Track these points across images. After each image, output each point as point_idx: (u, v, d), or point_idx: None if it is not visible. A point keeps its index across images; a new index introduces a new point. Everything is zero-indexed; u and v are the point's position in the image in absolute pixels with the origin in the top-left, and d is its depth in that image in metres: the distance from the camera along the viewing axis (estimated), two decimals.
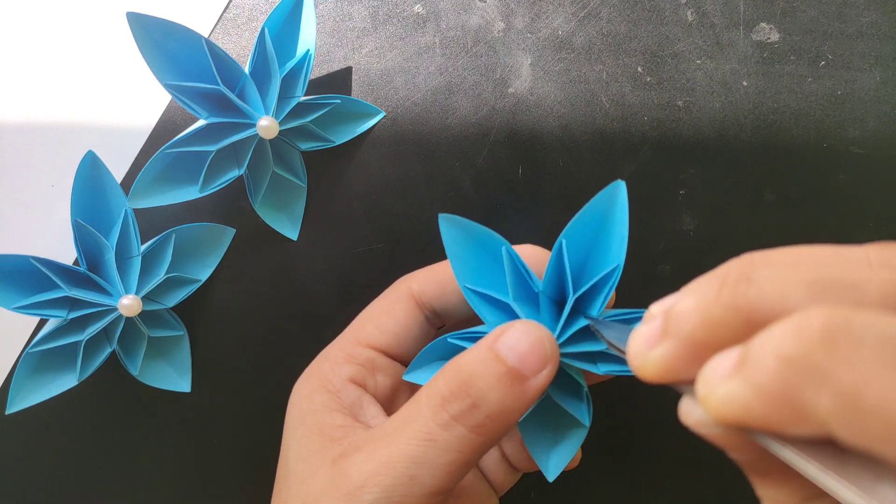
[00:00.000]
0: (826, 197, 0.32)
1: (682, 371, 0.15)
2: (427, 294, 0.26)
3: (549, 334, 0.21)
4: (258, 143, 0.29)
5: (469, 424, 0.21)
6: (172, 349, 0.32)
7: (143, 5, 0.31)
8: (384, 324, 0.26)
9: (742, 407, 0.13)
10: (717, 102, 0.32)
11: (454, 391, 0.21)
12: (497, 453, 0.28)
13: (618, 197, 0.23)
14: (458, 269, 0.24)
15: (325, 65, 0.32)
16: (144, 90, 0.32)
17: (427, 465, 0.20)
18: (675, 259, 0.32)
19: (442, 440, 0.20)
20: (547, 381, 0.21)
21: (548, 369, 0.21)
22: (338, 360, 0.26)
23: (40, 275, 0.28)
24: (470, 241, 0.24)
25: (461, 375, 0.21)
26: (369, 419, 0.24)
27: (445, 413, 0.21)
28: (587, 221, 0.23)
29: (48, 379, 0.29)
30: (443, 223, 0.24)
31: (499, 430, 0.21)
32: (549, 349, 0.21)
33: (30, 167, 0.32)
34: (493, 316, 0.24)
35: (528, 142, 0.32)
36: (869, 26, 0.32)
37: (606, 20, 0.32)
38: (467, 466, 0.21)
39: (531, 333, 0.21)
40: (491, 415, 0.21)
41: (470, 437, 0.21)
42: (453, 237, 0.24)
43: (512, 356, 0.21)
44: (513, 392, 0.21)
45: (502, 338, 0.21)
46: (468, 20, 0.32)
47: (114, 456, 0.33)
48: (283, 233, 0.32)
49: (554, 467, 0.25)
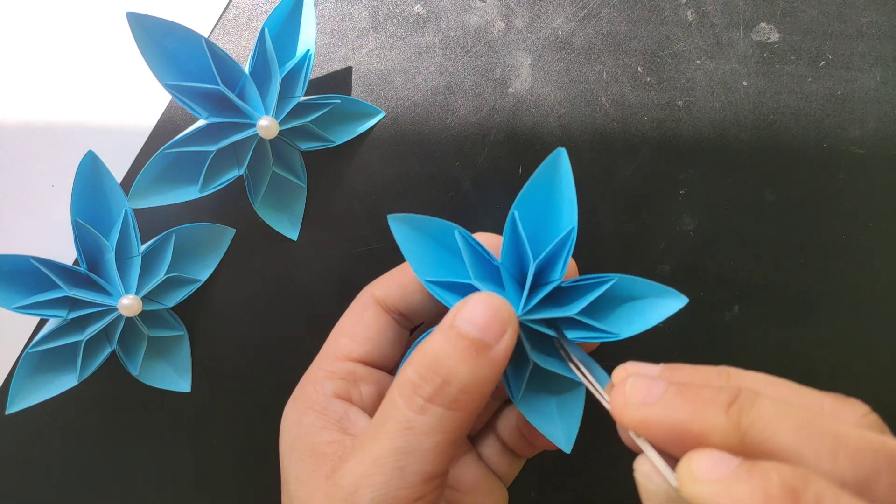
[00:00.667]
0: (826, 197, 0.32)
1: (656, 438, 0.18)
2: (390, 298, 0.26)
3: (502, 300, 0.22)
4: (258, 143, 0.29)
5: (444, 402, 0.21)
6: (172, 349, 0.32)
7: (143, 5, 0.31)
8: (356, 334, 0.26)
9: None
10: (717, 102, 0.32)
11: (423, 375, 0.21)
12: (497, 444, 0.28)
13: (560, 163, 0.23)
14: (415, 265, 0.24)
15: (325, 65, 0.32)
16: (144, 90, 0.32)
17: (413, 452, 0.21)
18: (675, 259, 0.32)
19: (421, 424, 0.21)
20: (510, 344, 0.21)
21: (508, 333, 0.21)
22: (318, 379, 0.26)
23: (40, 275, 0.28)
24: (422, 236, 0.24)
25: (427, 359, 0.21)
26: (359, 430, 0.24)
27: (419, 398, 0.21)
28: (535, 193, 0.24)
29: (48, 379, 0.29)
30: (392, 223, 0.24)
31: (475, 402, 0.21)
32: (506, 313, 0.21)
33: (30, 167, 0.32)
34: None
35: (528, 142, 0.32)
36: (869, 26, 0.32)
37: (606, 20, 0.32)
38: (454, 445, 0.21)
39: (485, 302, 0.21)
40: (464, 388, 0.21)
41: (448, 414, 0.21)
42: (405, 235, 0.24)
43: (472, 329, 0.21)
44: (480, 361, 0.21)
45: (459, 314, 0.21)
46: (468, 20, 0.32)
47: (114, 456, 0.33)
48: (283, 233, 0.32)
49: (566, 438, 0.24)
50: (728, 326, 0.32)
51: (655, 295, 0.24)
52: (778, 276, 0.32)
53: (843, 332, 0.33)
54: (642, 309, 0.24)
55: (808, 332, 0.33)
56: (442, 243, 0.25)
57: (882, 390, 0.33)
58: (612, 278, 0.23)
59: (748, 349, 0.33)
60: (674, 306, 0.23)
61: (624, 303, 0.24)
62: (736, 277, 0.32)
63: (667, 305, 0.23)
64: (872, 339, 0.33)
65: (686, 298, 0.23)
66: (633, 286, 0.24)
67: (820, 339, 0.33)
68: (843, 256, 0.32)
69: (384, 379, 0.27)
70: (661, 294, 0.23)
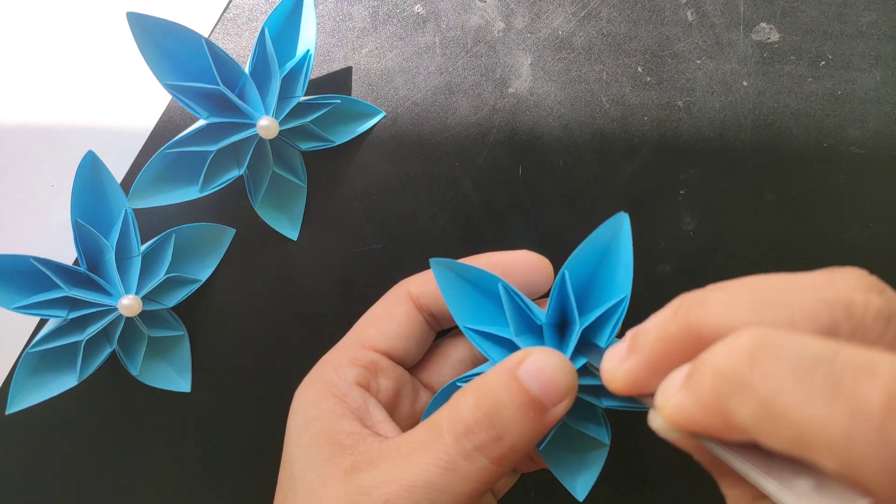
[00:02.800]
0: (826, 197, 0.32)
1: (645, 384, 0.18)
2: (425, 297, 0.26)
3: (569, 363, 0.21)
4: (258, 143, 0.29)
5: (492, 456, 0.20)
6: (172, 349, 0.32)
7: (143, 5, 0.31)
8: (385, 327, 0.26)
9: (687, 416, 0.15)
10: (717, 102, 0.32)
11: (479, 420, 0.20)
12: None
13: (622, 228, 0.23)
14: (455, 311, 0.24)
15: (325, 65, 0.32)
16: (144, 90, 0.32)
17: (447, 493, 0.20)
18: (675, 259, 0.32)
19: (463, 470, 0.20)
20: (564, 412, 0.21)
21: (567, 400, 0.21)
22: (341, 363, 0.25)
23: (40, 275, 0.28)
24: (464, 282, 0.24)
25: (486, 403, 0.21)
26: (376, 424, 0.24)
27: (469, 443, 0.20)
28: (589, 252, 0.23)
29: (48, 379, 0.29)
30: (435, 268, 0.23)
31: (517, 460, 0.21)
32: (570, 379, 0.21)
33: (30, 167, 0.32)
34: (497, 353, 0.24)
35: (528, 142, 0.32)
36: (869, 26, 0.32)
37: (606, 20, 0.32)
38: (482, 495, 0.21)
39: (553, 362, 0.21)
40: (514, 446, 0.20)
41: (491, 468, 0.20)
42: (447, 280, 0.24)
43: (535, 385, 0.20)
44: (534, 422, 0.20)
45: (524, 364, 0.21)
46: (468, 20, 0.32)
47: (114, 456, 0.33)
48: (283, 233, 0.32)
49: (582, 488, 0.25)
50: None
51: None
52: None
53: None
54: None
55: None
56: (484, 290, 0.24)
57: None
58: None
59: None
60: None
61: None
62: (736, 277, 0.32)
63: None
64: None
65: None
66: None
67: None
68: (843, 256, 0.32)
69: (403, 375, 0.27)
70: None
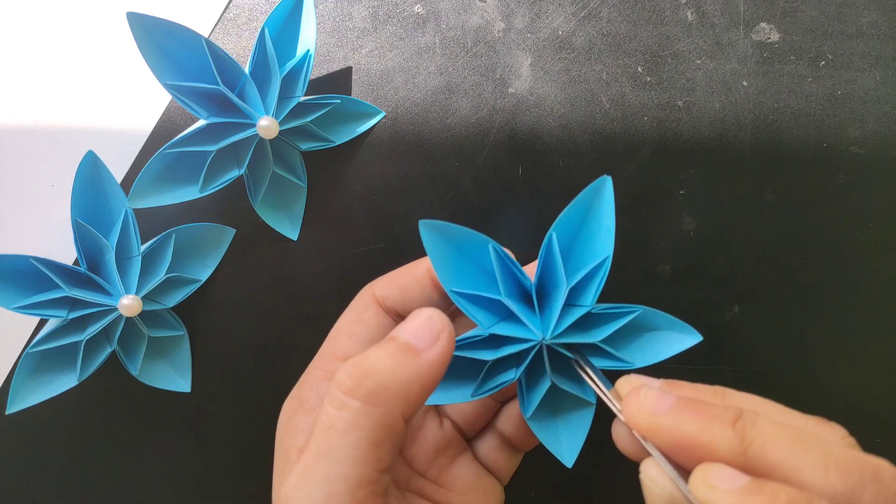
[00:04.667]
0: (826, 197, 0.32)
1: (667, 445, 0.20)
2: (390, 299, 0.26)
3: (439, 312, 0.22)
4: (258, 143, 0.29)
5: (360, 395, 0.20)
6: (172, 349, 0.32)
7: (143, 5, 0.31)
8: (356, 333, 0.26)
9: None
10: (717, 102, 0.32)
11: (348, 372, 0.21)
12: (496, 440, 0.28)
13: (604, 191, 0.23)
14: (442, 274, 0.24)
15: (325, 65, 0.32)
16: (144, 90, 0.32)
17: (333, 455, 0.20)
18: (675, 259, 0.32)
19: (340, 421, 0.20)
20: (442, 351, 0.21)
21: (441, 340, 0.21)
22: (316, 378, 0.25)
23: (40, 275, 0.28)
24: (451, 247, 0.24)
25: (357, 360, 0.21)
26: None
27: (339, 392, 0.20)
28: (572, 216, 0.24)
29: (48, 379, 0.29)
30: (423, 229, 0.23)
31: (395, 400, 0.20)
32: (440, 322, 0.22)
33: (30, 167, 0.32)
34: (484, 316, 0.24)
35: (528, 142, 0.32)
36: (869, 26, 0.32)
37: (606, 20, 0.32)
38: (379, 446, 0.20)
39: (422, 313, 0.22)
40: (382, 382, 0.20)
41: (365, 409, 0.20)
42: (434, 242, 0.24)
43: (403, 333, 0.21)
44: (405, 361, 0.21)
45: (399, 326, 0.22)
46: (468, 20, 0.32)
47: (114, 456, 0.33)
48: (283, 233, 0.32)
49: (569, 454, 0.25)
50: (728, 326, 0.32)
51: (672, 328, 0.25)
52: (778, 276, 0.32)
53: (843, 331, 0.33)
54: (657, 341, 0.25)
55: (807, 332, 0.33)
56: (470, 257, 0.24)
57: (882, 390, 0.33)
58: (637, 310, 0.24)
59: (748, 349, 0.33)
60: (687, 342, 0.24)
61: (640, 332, 0.25)
62: (736, 277, 0.32)
63: (681, 340, 0.25)
64: (872, 339, 0.33)
65: (700, 336, 0.24)
66: (653, 318, 0.25)
67: (820, 339, 0.33)
68: (843, 256, 0.32)
69: None
70: (677, 329, 0.25)
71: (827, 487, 0.17)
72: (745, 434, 0.19)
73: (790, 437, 0.19)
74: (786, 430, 0.19)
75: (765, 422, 0.19)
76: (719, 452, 0.19)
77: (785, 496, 0.17)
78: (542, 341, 0.23)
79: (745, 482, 0.18)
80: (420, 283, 0.26)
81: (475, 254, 0.24)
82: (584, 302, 0.24)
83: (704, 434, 0.19)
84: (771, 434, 0.19)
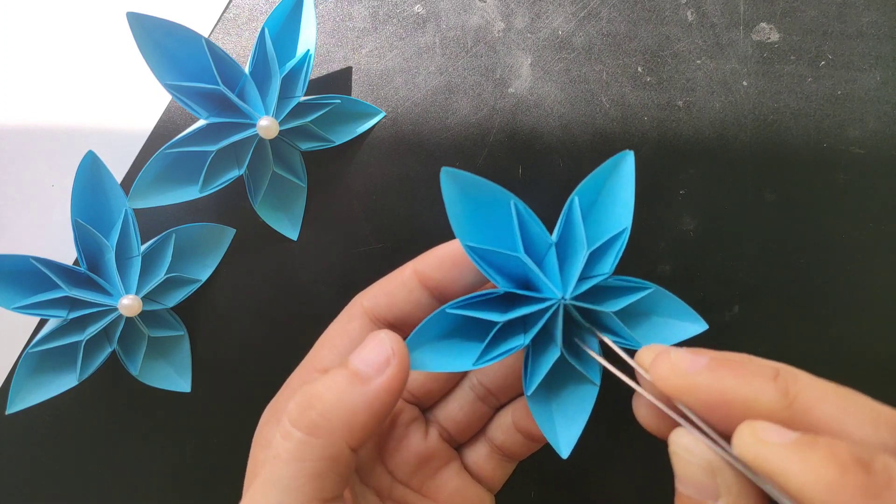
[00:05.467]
0: (826, 197, 0.32)
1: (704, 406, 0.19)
2: (379, 308, 0.25)
3: (394, 336, 0.21)
4: (258, 143, 0.29)
5: (303, 426, 0.20)
6: (172, 349, 0.32)
7: (143, 5, 0.31)
8: (338, 346, 0.26)
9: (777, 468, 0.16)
10: (717, 102, 0.32)
11: (297, 402, 0.21)
12: (486, 449, 0.27)
13: (623, 164, 0.23)
14: (458, 228, 0.22)
15: (325, 65, 0.32)
16: (144, 90, 0.32)
17: (277, 484, 0.20)
18: (675, 259, 0.32)
19: (283, 451, 0.20)
20: (393, 377, 0.21)
21: (391, 366, 0.21)
22: (293, 389, 0.25)
23: (40, 275, 0.28)
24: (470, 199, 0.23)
25: (306, 388, 0.21)
26: None
27: (286, 423, 0.20)
28: (593, 185, 0.23)
29: (48, 379, 0.29)
30: (444, 178, 0.22)
31: (339, 432, 0.20)
32: (390, 345, 0.21)
33: (30, 167, 0.32)
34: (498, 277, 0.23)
35: (528, 142, 0.32)
36: (869, 26, 0.32)
37: (606, 20, 0.32)
38: (320, 477, 0.20)
39: (375, 337, 0.21)
40: (324, 413, 0.20)
41: (306, 440, 0.20)
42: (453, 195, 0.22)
43: (353, 359, 0.21)
44: (351, 391, 0.20)
45: (353, 353, 0.21)
46: (468, 20, 0.32)
47: (114, 456, 0.33)
48: (283, 233, 0.32)
49: (566, 444, 0.24)
50: (728, 326, 0.32)
51: (677, 316, 0.24)
52: (778, 276, 0.32)
53: (843, 331, 0.33)
54: (665, 326, 0.24)
55: (808, 332, 0.33)
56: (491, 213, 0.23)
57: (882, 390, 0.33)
58: (651, 287, 0.24)
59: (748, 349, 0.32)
60: (692, 331, 0.24)
61: (647, 316, 0.25)
62: (736, 277, 0.32)
63: (685, 329, 0.24)
64: (872, 339, 0.33)
65: (706, 325, 0.24)
66: (660, 300, 0.24)
67: (820, 339, 0.33)
68: (843, 256, 0.32)
69: None
70: (682, 316, 0.24)
71: (877, 443, 0.16)
72: (789, 389, 0.18)
73: (835, 392, 0.18)
74: (829, 386, 0.18)
75: (806, 377, 0.18)
76: (761, 408, 0.18)
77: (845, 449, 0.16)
78: (562, 300, 0.22)
79: (796, 436, 0.17)
80: (407, 286, 0.25)
81: (497, 211, 0.23)
82: (601, 271, 0.23)
83: (744, 388, 0.18)
84: (815, 389, 0.18)
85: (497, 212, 0.23)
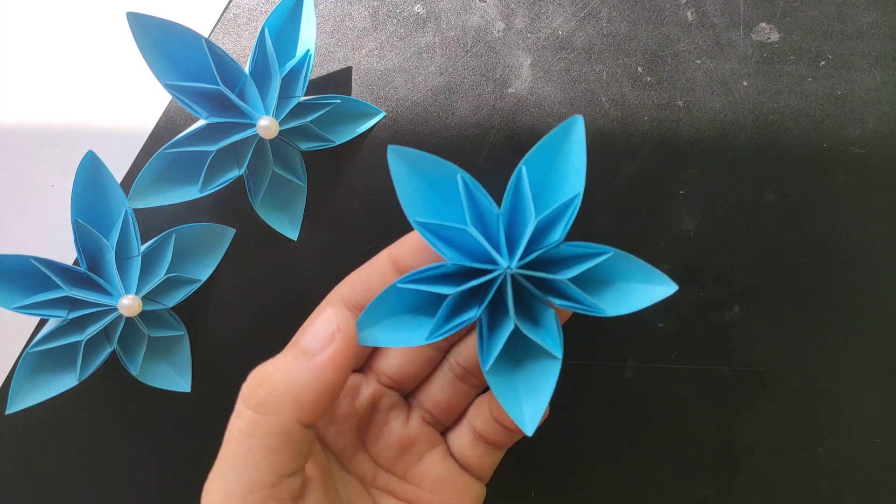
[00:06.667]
0: (826, 197, 0.32)
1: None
2: (355, 295, 0.26)
3: (341, 312, 0.21)
4: (258, 143, 0.29)
5: (252, 404, 0.21)
6: (172, 349, 0.32)
7: (143, 5, 0.31)
8: None
9: None
10: (717, 102, 0.32)
11: (249, 382, 0.21)
12: (470, 436, 0.27)
13: (574, 130, 0.23)
14: (407, 205, 0.22)
15: (325, 65, 0.32)
16: (144, 90, 0.32)
17: (231, 462, 0.20)
18: (675, 259, 0.32)
19: (236, 431, 0.20)
20: (336, 352, 0.21)
21: (336, 341, 0.21)
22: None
23: (40, 275, 0.28)
24: (420, 176, 0.23)
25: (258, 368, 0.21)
26: None
27: (239, 402, 0.21)
28: (543, 156, 0.23)
29: (48, 379, 0.29)
30: (391, 155, 0.22)
31: (288, 408, 0.20)
32: (336, 320, 0.21)
33: (30, 167, 0.32)
34: (448, 250, 0.23)
35: (528, 142, 0.32)
36: (869, 26, 0.32)
37: (606, 20, 0.32)
38: (274, 452, 0.20)
39: (322, 313, 0.21)
40: (272, 390, 0.20)
41: (255, 418, 0.20)
42: (401, 172, 0.22)
43: (302, 336, 0.21)
44: (297, 367, 0.21)
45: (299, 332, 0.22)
46: (468, 20, 0.32)
47: (114, 456, 0.33)
48: (283, 233, 0.32)
49: (531, 420, 0.23)
50: (728, 326, 0.32)
51: (643, 280, 0.23)
52: (778, 276, 0.32)
53: (843, 332, 0.33)
54: (631, 291, 0.23)
55: (807, 332, 0.33)
56: (438, 189, 0.23)
57: (882, 390, 0.33)
58: (608, 251, 0.23)
59: (748, 349, 0.33)
60: (662, 293, 0.23)
61: (613, 282, 0.24)
62: (736, 277, 0.32)
63: (656, 291, 0.23)
64: (872, 339, 0.33)
65: (675, 286, 0.22)
66: (625, 266, 0.23)
67: (820, 339, 0.33)
68: (843, 256, 0.32)
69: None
70: (651, 279, 0.23)
71: None
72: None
73: None
74: None
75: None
76: None
77: None
78: (507, 270, 0.22)
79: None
80: (381, 272, 0.25)
81: (444, 186, 0.23)
82: (552, 238, 0.23)
83: None
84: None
85: (449, 187, 0.23)
